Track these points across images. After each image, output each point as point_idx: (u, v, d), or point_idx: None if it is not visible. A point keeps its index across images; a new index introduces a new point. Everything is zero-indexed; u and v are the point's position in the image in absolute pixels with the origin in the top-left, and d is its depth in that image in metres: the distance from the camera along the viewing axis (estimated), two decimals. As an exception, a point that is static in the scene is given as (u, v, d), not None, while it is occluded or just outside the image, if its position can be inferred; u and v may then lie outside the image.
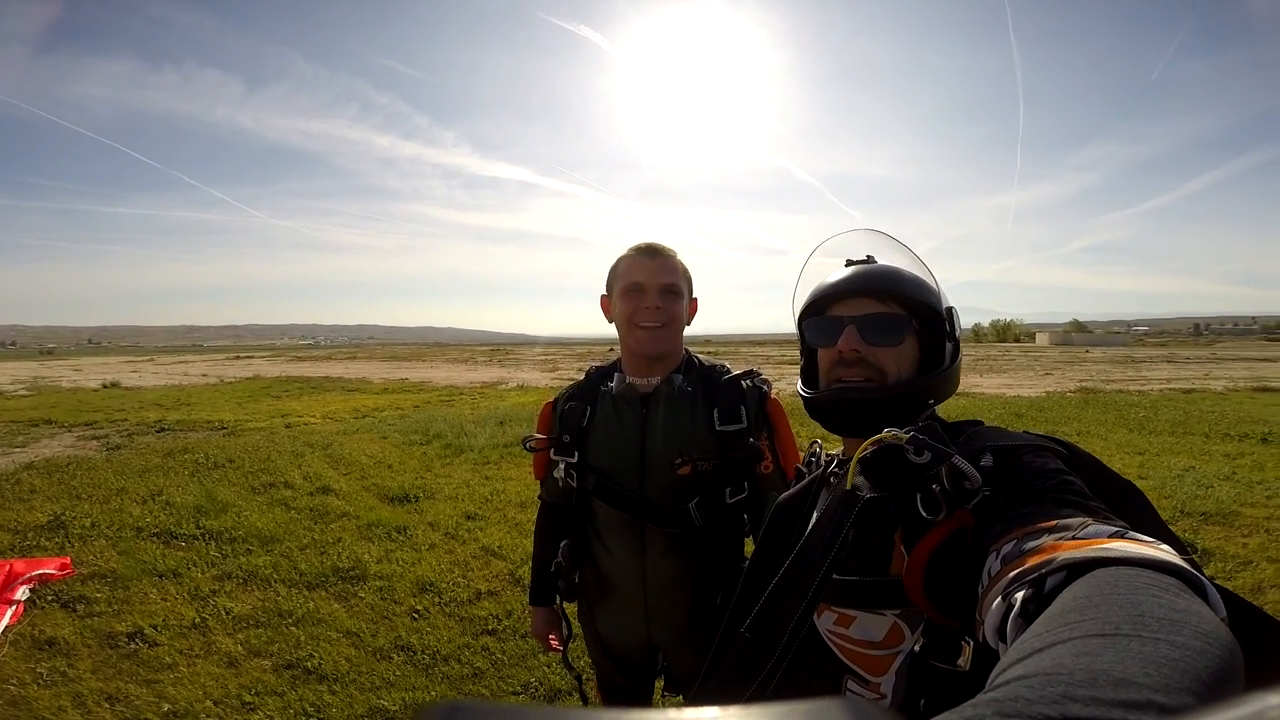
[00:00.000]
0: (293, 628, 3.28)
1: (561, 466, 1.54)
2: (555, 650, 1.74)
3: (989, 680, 0.37)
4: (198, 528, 4.78)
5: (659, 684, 1.74)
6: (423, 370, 26.36)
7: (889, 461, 0.75)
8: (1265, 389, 14.71)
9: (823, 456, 1.03)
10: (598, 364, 1.63)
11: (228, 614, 3.43)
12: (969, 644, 0.71)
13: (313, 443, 8.31)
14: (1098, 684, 0.30)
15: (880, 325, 0.90)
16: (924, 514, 0.71)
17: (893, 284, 0.91)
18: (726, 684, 0.84)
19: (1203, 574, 0.45)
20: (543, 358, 35.86)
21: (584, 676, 1.84)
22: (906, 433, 0.74)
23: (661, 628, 1.54)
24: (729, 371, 1.54)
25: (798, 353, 1.04)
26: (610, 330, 1.56)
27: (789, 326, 1.01)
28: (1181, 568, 0.45)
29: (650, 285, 1.45)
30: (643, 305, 1.44)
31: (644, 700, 1.76)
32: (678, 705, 1.85)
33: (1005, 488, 0.68)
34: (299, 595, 3.68)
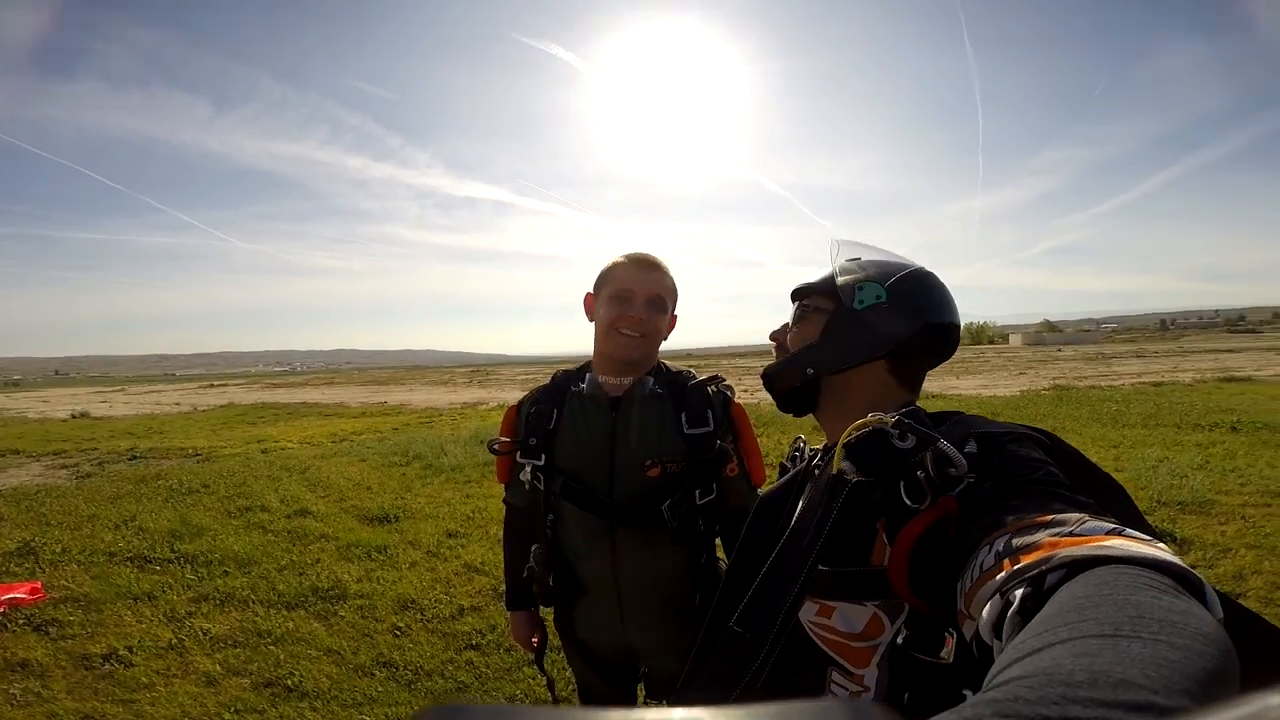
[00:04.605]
0: (271, 647, 3.23)
1: (528, 469, 1.53)
2: (533, 651, 1.73)
3: (986, 679, 0.37)
4: (172, 551, 4.70)
5: (640, 691, 1.72)
6: (401, 393, 26.10)
7: (874, 446, 0.76)
8: (1231, 379, 15.18)
9: (806, 451, 1.06)
10: (565, 369, 1.63)
11: (205, 634, 3.37)
12: (952, 636, 0.71)
13: (290, 467, 8.21)
14: (1097, 685, 0.30)
15: (794, 316, 1.03)
16: (908, 502, 0.71)
17: (806, 282, 1.02)
18: (714, 683, 0.84)
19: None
20: (523, 377, 35.73)
21: (555, 682, 1.84)
22: (892, 418, 0.75)
23: (638, 630, 1.54)
24: (695, 377, 1.56)
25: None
26: (587, 346, 1.58)
27: (766, 338, 1.10)
28: (1180, 567, 0.45)
29: (639, 295, 1.47)
30: (627, 314, 1.45)
31: (626, 705, 1.74)
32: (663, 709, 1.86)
33: (991, 476, 0.68)
34: (278, 615, 3.63)
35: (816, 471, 0.96)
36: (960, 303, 0.98)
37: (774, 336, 1.06)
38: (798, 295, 1.02)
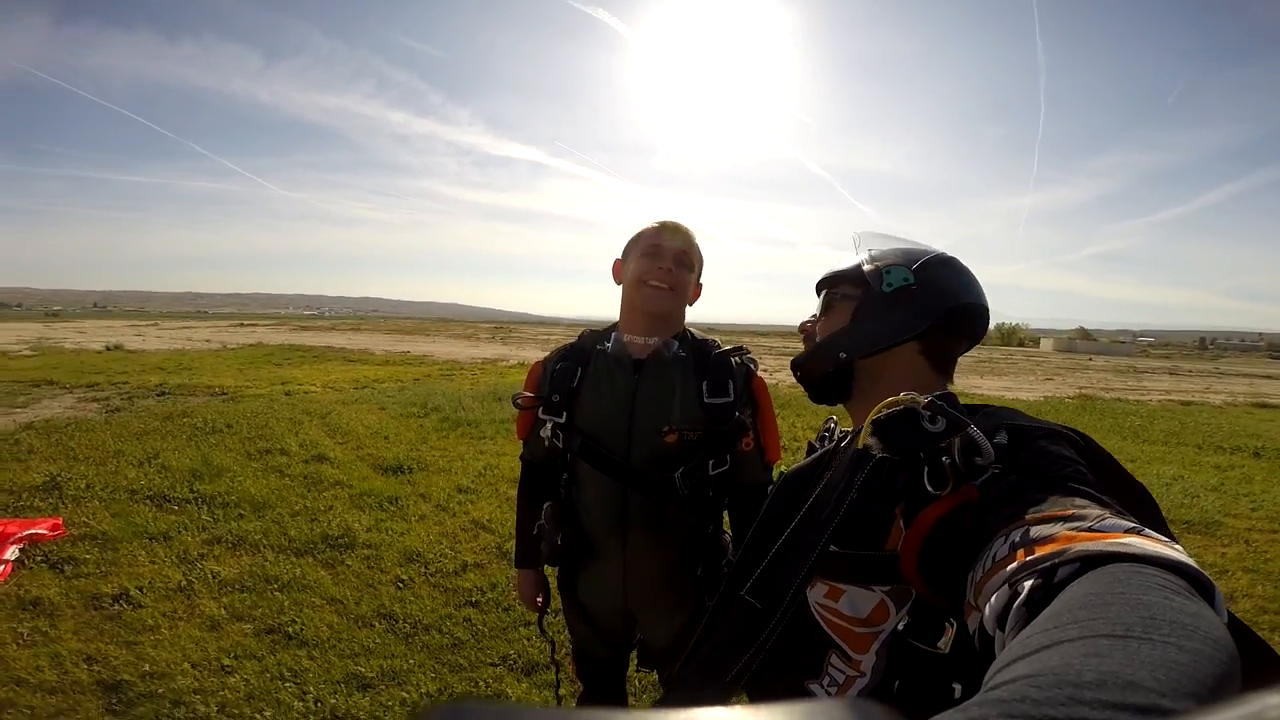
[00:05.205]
0: (277, 593, 3.31)
1: (548, 426, 1.55)
2: (536, 611, 1.75)
3: (989, 673, 0.37)
4: (191, 491, 4.82)
5: (633, 659, 1.75)
6: (425, 344, 26.38)
7: (903, 424, 0.74)
8: (1264, 405, 14.75)
9: (836, 432, 1.05)
10: (593, 329, 1.66)
11: (214, 578, 3.46)
12: (952, 626, 0.70)
13: (311, 411, 8.36)
14: (1106, 686, 0.30)
15: (821, 306, 1.04)
16: (930, 489, 0.70)
17: (832, 271, 1.03)
18: (719, 652, 0.85)
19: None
20: (544, 336, 35.90)
21: (557, 644, 1.86)
22: (925, 398, 0.74)
23: (638, 596, 1.57)
24: (719, 346, 1.57)
25: (798, 345, 1.13)
26: (614, 313, 1.61)
27: (793, 319, 1.13)
28: (1194, 569, 0.44)
29: (668, 250, 1.52)
30: (657, 265, 1.50)
31: (618, 671, 1.79)
32: (652, 680, 1.85)
33: (1017, 469, 0.67)
34: (286, 561, 3.71)
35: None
36: (996, 302, 0.98)
37: (802, 328, 1.07)
38: (824, 285, 1.03)
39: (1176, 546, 0.48)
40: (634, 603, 1.58)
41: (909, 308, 0.91)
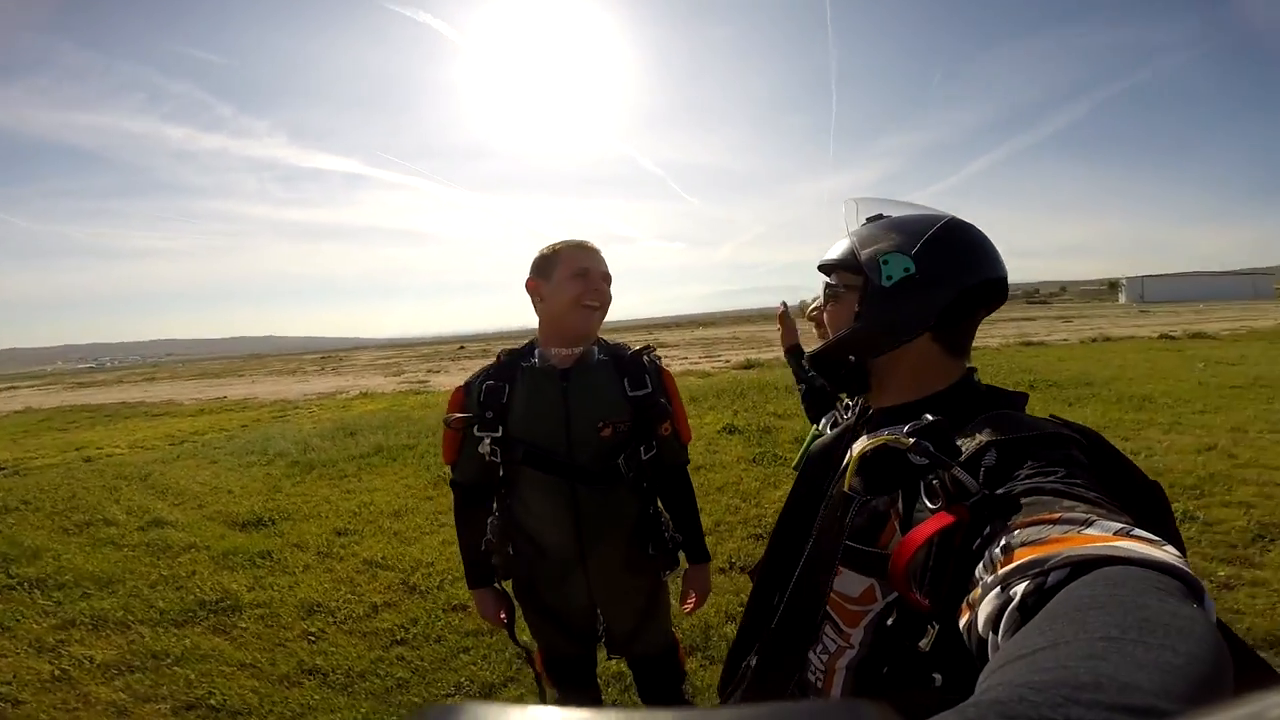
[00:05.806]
0: (175, 667, 2.97)
1: (486, 442, 1.61)
2: (503, 626, 1.80)
3: (984, 673, 0.38)
4: (9, 576, 4.19)
5: (601, 654, 1.85)
6: (243, 386, 23.85)
7: (886, 464, 0.78)
8: (1029, 344, 17.68)
9: (859, 404, 1.06)
10: (507, 349, 1.73)
11: (91, 662, 3.04)
12: (933, 628, 0.71)
13: (125, 475, 7.38)
14: (1102, 688, 0.30)
15: (824, 294, 1.00)
16: (927, 502, 0.72)
17: (830, 257, 0.95)
18: (761, 680, 0.94)
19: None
20: (383, 362, 33.82)
21: (530, 652, 1.88)
22: (910, 439, 0.74)
23: (601, 585, 1.68)
24: (630, 349, 1.74)
25: (663, 337, 1.11)
26: (454, 328, 1.64)
27: (643, 313, 0.94)
28: (1184, 571, 0.45)
29: (596, 271, 1.61)
30: (591, 287, 1.59)
31: (588, 666, 1.87)
32: (620, 668, 1.93)
33: (1010, 482, 0.66)
34: (168, 634, 3.32)
35: (864, 429, 0.95)
36: (812, 278, 0.88)
37: (812, 317, 1.13)
38: (824, 270, 0.96)
39: (1167, 547, 0.49)
40: (598, 594, 1.69)
41: (913, 302, 0.85)
